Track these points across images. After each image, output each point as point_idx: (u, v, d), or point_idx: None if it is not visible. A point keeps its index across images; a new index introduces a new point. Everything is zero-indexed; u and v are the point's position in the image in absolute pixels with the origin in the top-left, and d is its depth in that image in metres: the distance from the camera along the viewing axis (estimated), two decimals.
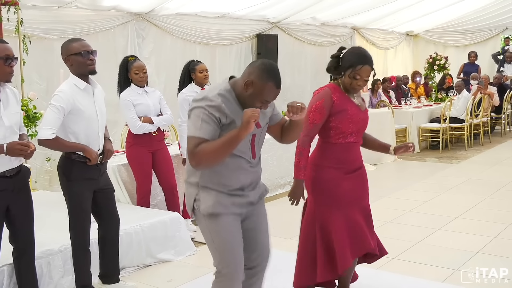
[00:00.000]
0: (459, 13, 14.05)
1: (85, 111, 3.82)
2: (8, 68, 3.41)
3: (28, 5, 6.33)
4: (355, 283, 4.07)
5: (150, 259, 4.78)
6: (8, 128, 3.45)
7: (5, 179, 3.46)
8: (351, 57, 3.51)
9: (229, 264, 2.97)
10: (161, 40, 8.47)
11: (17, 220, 3.61)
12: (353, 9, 11.01)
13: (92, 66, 3.82)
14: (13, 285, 3.83)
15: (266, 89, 2.80)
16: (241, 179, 2.96)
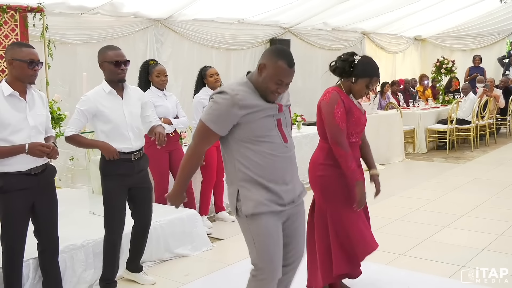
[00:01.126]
0: (465, 18, 13.97)
1: (110, 113, 3.89)
2: (31, 71, 3.44)
3: (53, 12, 6.37)
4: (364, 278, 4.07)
5: (168, 254, 4.80)
6: (33, 128, 3.48)
7: (31, 177, 3.49)
8: (369, 68, 3.57)
9: (267, 267, 2.91)
10: (179, 45, 8.49)
11: (42, 216, 3.64)
12: (363, 14, 10.98)
13: (122, 75, 3.92)
14: (38, 278, 3.86)
15: (278, 68, 2.78)
16: (277, 167, 2.87)
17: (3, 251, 3.54)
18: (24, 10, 5.78)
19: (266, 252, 2.90)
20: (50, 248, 3.74)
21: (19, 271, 3.60)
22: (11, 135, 3.40)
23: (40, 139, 3.51)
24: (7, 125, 3.38)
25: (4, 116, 3.37)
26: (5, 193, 3.45)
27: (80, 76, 5.99)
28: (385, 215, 5.68)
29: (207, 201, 5.76)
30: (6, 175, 3.44)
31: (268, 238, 2.90)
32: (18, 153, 3.39)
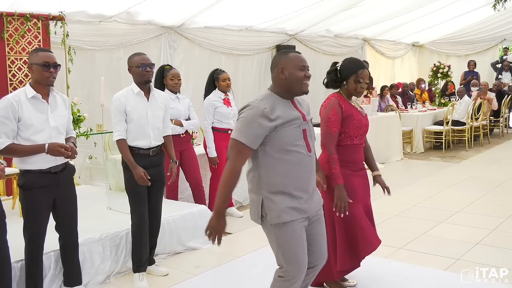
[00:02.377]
0: (461, 25, 13.94)
1: (134, 112, 3.97)
2: (47, 73, 3.45)
3: (73, 20, 6.40)
4: (364, 270, 4.06)
5: (180, 247, 4.81)
6: (54, 129, 3.50)
7: (51, 175, 3.51)
8: (351, 65, 3.59)
9: (293, 269, 2.90)
10: (190, 51, 8.50)
11: (62, 213, 3.66)
12: (364, 22, 10.97)
13: (147, 77, 4.00)
14: (59, 269, 3.88)
15: (294, 58, 2.84)
16: (301, 176, 2.84)
17: (26, 244, 3.56)
18: (46, 18, 5.81)
19: (292, 257, 2.88)
20: (70, 242, 3.77)
21: (39, 262, 3.62)
22: (33, 135, 3.42)
23: (60, 140, 3.53)
24: (30, 126, 3.41)
25: (27, 117, 3.40)
26: (27, 190, 3.48)
27: (98, 80, 6.01)
28: (384, 211, 5.67)
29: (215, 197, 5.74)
30: (28, 173, 3.47)
31: (294, 244, 2.87)
32: (38, 152, 3.41)
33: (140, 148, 4.00)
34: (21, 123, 3.40)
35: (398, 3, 10.05)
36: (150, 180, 4.02)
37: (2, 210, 3.29)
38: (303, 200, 2.86)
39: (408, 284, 3.99)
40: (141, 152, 4.00)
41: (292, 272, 2.91)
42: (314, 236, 3.03)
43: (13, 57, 5.60)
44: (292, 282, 2.92)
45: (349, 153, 3.59)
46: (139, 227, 4.07)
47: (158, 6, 7.06)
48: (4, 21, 5.48)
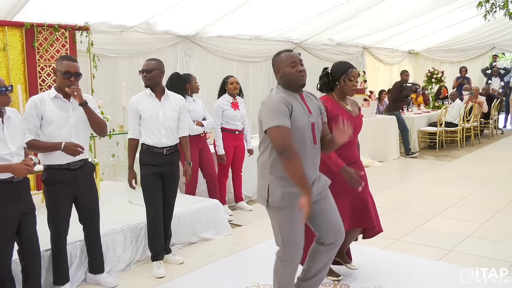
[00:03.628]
0: (453, 34, 13.88)
1: (146, 111, 4.00)
2: (68, 81, 3.47)
3: (97, 30, 6.42)
4: (364, 260, 4.06)
5: (195, 237, 4.82)
6: (74, 126, 3.52)
7: (70, 171, 3.53)
8: (340, 67, 3.60)
9: (290, 251, 2.94)
10: (204, 58, 8.51)
11: (83, 205, 3.68)
12: (363, 31, 10.94)
13: (145, 81, 4.03)
14: (84, 257, 3.90)
15: (284, 57, 2.91)
16: (305, 163, 2.83)
17: (51, 234, 3.59)
18: (73, 28, 5.83)
19: (289, 239, 2.92)
20: (92, 233, 3.79)
21: (63, 250, 3.64)
22: (53, 132, 3.46)
23: (81, 137, 3.54)
24: (51, 122, 3.44)
25: (48, 114, 3.44)
26: (49, 185, 3.52)
27: (120, 85, 6.03)
28: (382, 206, 5.63)
29: (223, 192, 5.76)
30: (49, 169, 3.50)
31: (292, 227, 2.90)
32: (55, 150, 3.44)
33: (154, 147, 3.99)
34: (44, 120, 3.44)
35: (395, 13, 10.02)
36: (165, 176, 4.04)
37: (32, 203, 3.31)
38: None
39: (404, 273, 3.97)
40: (155, 151, 4.00)
41: (288, 253, 2.95)
42: (323, 214, 3.03)
43: (43, 64, 5.62)
44: (290, 263, 2.97)
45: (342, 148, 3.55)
46: (154, 220, 4.07)
47: (175, 17, 7.07)
48: (34, 31, 5.50)
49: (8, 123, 3.13)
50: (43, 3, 5.37)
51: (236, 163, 5.79)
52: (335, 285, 3.75)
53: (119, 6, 6.30)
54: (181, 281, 3.95)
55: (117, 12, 6.49)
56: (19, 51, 5.45)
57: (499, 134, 13.07)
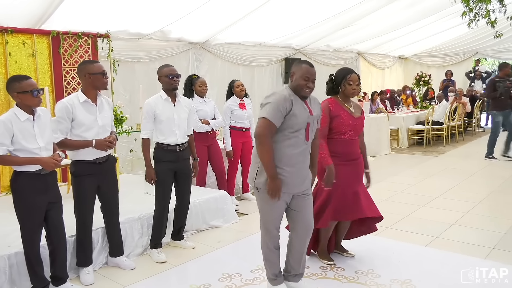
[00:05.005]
0: (439, 41, 13.83)
1: (162, 114, 3.95)
2: (106, 80, 3.53)
3: (117, 37, 6.42)
4: (358, 245, 4.05)
5: (205, 225, 4.82)
6: (101, 127, 3.54)
7: (96, 165, 3.55)
8: (341, 73, 3.66)
9: (264, 229, 3.11)
10: (213, 63, 8.50)
11: (105, 196, 3.70)
12: (358, 38, 10.91)
13: (174, 85, 3.99)
14: (105, 243, 3.91)
15: (303, 69, 2.98)
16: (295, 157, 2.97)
17: (76, 222, 3.61)
18: (95, 36, 5.84)
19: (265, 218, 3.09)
20: (112, 220, 3.81)
21: (89, 237, 3.66)
22: (84, 132, 3.46)
23: (105, 135, 3.57)
24: (82, 125, 3.45)
25: (79, 117, 3.44)
26: (76, 177, 3.53)
27: (138, 87, 6.04)
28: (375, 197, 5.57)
29: (232, 184, 5.77)
30: (77, 163, 3.52)
31: (269, 209, 3.04)
32: (87, 147, 3.46)
33: (169, 145, 3.97)
34: (75, 122, 3.44)
35: (387, 22, 9.99)
36: (178, 171, 4.03)
37: (59, 193, 3.33)
38: (288, 176, 2.97)
39: (395, 257, 3.96)
40: (169, 148, 3.98)
41: (264, 230, 3.12)
42: (298, 209, 3.11)
43: (68, 68, 5.63)
44: (266, 238, 3.13)
45: (338, 145, 3.57)
46: (161, 213, 4.06)
47: (187, 25, 7.06)
48: (60, 39, 5.51)
49: (39, 121, 3.15)
50: (68, 13, 5.37)
51: (245, 158, 5.79)
52: (332, 268, 3.75)
53: (137, 15, 6.30)
54: (193, 264, 3.96)
55: (135, 21, 6.48)
56: (46, 57, 5.46)
57: (481, 131, 13.01)
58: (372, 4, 8.37)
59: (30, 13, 5.26)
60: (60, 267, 3.37)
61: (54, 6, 5.20)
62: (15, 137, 3.03)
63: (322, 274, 3.65)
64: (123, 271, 3.79)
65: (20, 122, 3.05)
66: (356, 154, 3.71)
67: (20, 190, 3.10)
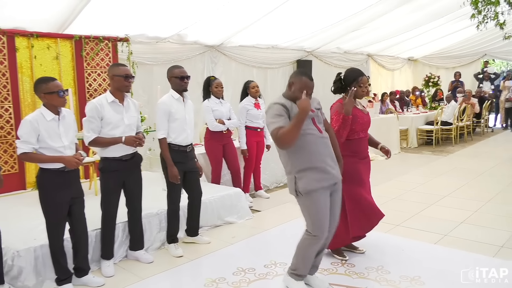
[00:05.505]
0: (449, 42, 13.66)
1: (176, 113, 3.96)
2: (127, 83, 3.57)
3: (136, 41, 6.48)
4: (368, 242, 4.03)
5: (220, 221, 4.84)
6: (127, 126, 3.59)
7: (122, 162, 3.61)
8: (352, 74, 3.60)
9: (317, 230, 3.00)
10: (228, 65, 8.52)
11: (130, 191, 3.74)
12: (368, 40, 10.84)
13: (184, 86, 4.01)
14: (125, 237, 3.96)
15: (302, 81, 2.94)
16: (320, 150, 2.95)
17: (102, 215, 3.66)
18: (115, 40, 5.91)
19: (316, 220, 2.99)
20: (135, 215, 3.85)
21: (112, 230, 3.72)
22: (111, 130, 3.53)
23: (131, 134, 3.62)
24: (109, 123, 3.51)
25: (107, 116, 3.50)
26: (104, 173, 3.59)
27: (156, 89, 6.07)
28: (385, 195, 5.61)
29: (248, 182, 5.79)
30: (105, 160, 3.58)
31: (318, 209, 2.97)
32: (116, 143, 3.53)
33: (180, 145, 3.97)
34: (103, 121, 3.50)
35: (396, 25, 9.91)
36: (188, 170, 4.04)
37: (81, 189, 3.38)
38: (326, 169, 2.95)
39: (404, 254, 3.94)
40: (181, 149, 3.97)
41: (316, 232, 3.01)
42: (332, 205, 3.07)
43: (90, 70, 5.71)
44: (315, 241, 3.03)
45: (356, 145, 3.60)
46: (173, 210, 4.09)
47: (202, 29, 7.10)
48: (82, 42, 5.58)
49: (63, 121, 3.21)
50: (90, 18, 5.43)
51: (258, 157, 5.82)
52: (343, 264, 3.75)
53: (155, 20, 6.35)
54: (208, 258, 3.98)
55: (153, 25, 6.53)
56: (70, 60, 5.54)
57: (489, 131, 12.85)
58: (381, 7, 8.31)
59: (54, 19, 5.34)
60: (82, 259, 3.42)
61: (76, 12, 5.27)
62: (41, 136, 3.09)
63: (333, 270, 3.65)
64: (142, 264, 3.83)
65: (46, 122, 3.11)
66: (365, 152, 3.73)
67: (45, 186, 3.16)
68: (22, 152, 3.08)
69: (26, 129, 3.06)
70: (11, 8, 4.87)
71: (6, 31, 4.98)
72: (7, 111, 5.04)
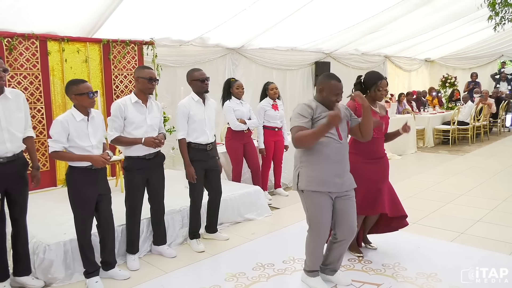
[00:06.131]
0: (465, 44, 13.39)
1: (195, 115, 3.94)
2: (150, 85, 3.57)
3: (160, 44, 6.53)
4: (385, 240, 3.97)
5: (240, 218, 4.84)
6: (149, 126, 3.61)
7: (146, 160, 3.62)
8: (372, 78, 3.55)
9: (314, 227, 3.01)
10: (248, 67, 8.51)
11: (153, 189, 3.76)
12: (385, 42, 10.70)
13: (205, 88, 3.99)
14: (149, 232, 3.98)
15: (333, 85, 2.94)
16: (332, 156, 2.90)
17: (126, 211, 3.68)
18: (141, 43, 5.96)
19: (314, 220, 2.98)
20: (158, 211, 3.87)
21: (137, 225, 3.74)
22: (134, 130, 3.54)
23: (153, 134, 3.64)
24: (132, 123, 3.53)
25: (130, 116, 3.52)
26: (128, 171, 3.62)
27: (179, 90, 6.11)
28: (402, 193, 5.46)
29: (265, 180, 5.76)
30: (129, 158, 3.60)
31: (317, 209, 2.95)
32: (136, 144, 3.54)
33: (200, 144, 3.96)
34: (126, 121, 3.53)
35: (413, 26, 9.74)
36: (209, 168, 4.03)
37: (108, 186, 3.41)
38: (330, 176, 2.91)
39: (420, 251, 3.87)
40: (201, 148, 3.96)
41: (314, 232, 3.02)
42: (341, 212, 3.02)
43: (117, 72, 5.77)
44: (315, 239, 3.03)
45: (365, 143, 3.46)
46: (195, 207, 4.09)
47: (224, 32, 7.10)
48: (110, 46, 5.65)
49: (92, 121, 3.24)
50: (117, 23, 5.50)
51: (277, 156, 5.80)
52: (360, 260, 3.70)
53: (178, 24, 6.38)
54: (229, 254, 3.98)
55: (177, 29, 6.57)
56: (98, 62, 5.61)
57: (506, 131, 12.55)
58: (399, 9, 8.18)
59: (83, 24, 5.42)
60: (109, 253, 3.46)
61: (104, 17, 5.34)
62: (70, 135, 3.13)
63: (350, 266, 3.60)
64: (165, 259, 3.85)
65: (76, 122, 3.15)
66: (381, 153, 3.63)
67: (74, 183, 3.19)
68: (53, 150, 3.12)
69: (57, 128, 3.11)
70: (44, 14, 4.97)
71: (39, 36, 5.07)
72: (39, 112, 5.14)
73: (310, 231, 3.04)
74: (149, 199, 3.80)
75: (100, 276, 3.38)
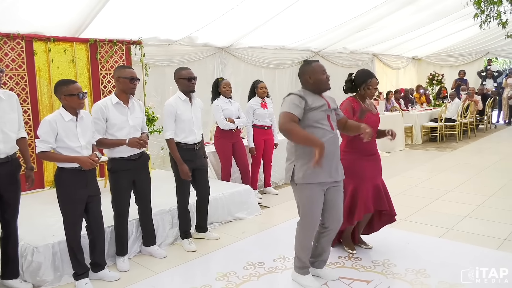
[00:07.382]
0: (452, 41, 13.53)
1: (183, 114, 3.92)
2: (133, 85, 3.54)
3: (148, 44, 6.49)
4: (374, 237, 4.00)
5: (230, 217, 4.84)
6: (132, 127, 3.58)
7: (131, 161, 3.60)
8: (362, 76, 3.58)
9: (307, 222, 3.04)
10: (237, 66, 8.50)
11: (139, 189, 3.74)
12: (373, 40, 10.76)
13: (192, 87, 3.96)
14: (139, 233, 3.96)
15: (316, 67, 3.01)
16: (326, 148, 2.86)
17: (114, 214, 3.66)
18: (128, 43, 5.92)
19: (307, 212, 3.02)
20: (145, 212, 3.85)
21: (124, 226, 3.71)
22: (116, 132, 3.51)
23: (136, 135, 3.61)
24: (114, 125, 3.50)
25: (112, 118, 3.49)
26: (113, 173, 3.59)
27: (168, 90, 6.08)
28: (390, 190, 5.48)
29: (255, 179, 5.77)
30: (114, 160, 3.57)
31: (310, 202, 2.99)
32: (120, 145, 3.51)
33: (188, 144, 3.94)
34: (108, 122, 3.49)
35: (400, 25, 9.82)
36: (196, 168, 4.02)
37: (98, 187, 3.38)
38: (325, 167, 2.93)
39: (409, 248, 3.91)
40: (188, 147, 3.95)
41: (305, 223, 3.05)
42: (330, 202, 3.07)
43: (104, 72, 5.72)
44: (306, 230, 3.06)
45: (358, 141, 3.49)
46: (183, 207, 4.08)
47: (212, 32, 7.09)
48: (97, 46, 5.60)
49: (81, 122, 3.21)
50: (104, 22, 5.45)
51: (267, 154, 5.81)
52: (350, 257, 3.72)
53: (166, 23, 6.35)
54: (219, 253, 3.98)
55: (165, 28, 6.54)
56: (85, 62, 5.56)
57: (492, 128, 12.70)
58: (386, 8, 8.24)
59: (70, 23, 5.36)
60: (99, 255, 3.43)
61: (91, 17, 5.28)
62: (59, 136, 3.10)
63: (340, 263, 3.62)
64: (155, 259, 3.84)
65: (64, 122, 3.12)
66: (374, 149, 3.69)
67: (63, 184, 3.17)
68: (41, 151, 3.09)
69: (45, 128, 3.07)
70: (29, 14, 4.90)
71: (25, 36, 5.01)
72: (25, 113, 5.08)
73: (301, 222, 3.08)
74: (136, 200, 3.78)
75: (89, 278, 3.35)
